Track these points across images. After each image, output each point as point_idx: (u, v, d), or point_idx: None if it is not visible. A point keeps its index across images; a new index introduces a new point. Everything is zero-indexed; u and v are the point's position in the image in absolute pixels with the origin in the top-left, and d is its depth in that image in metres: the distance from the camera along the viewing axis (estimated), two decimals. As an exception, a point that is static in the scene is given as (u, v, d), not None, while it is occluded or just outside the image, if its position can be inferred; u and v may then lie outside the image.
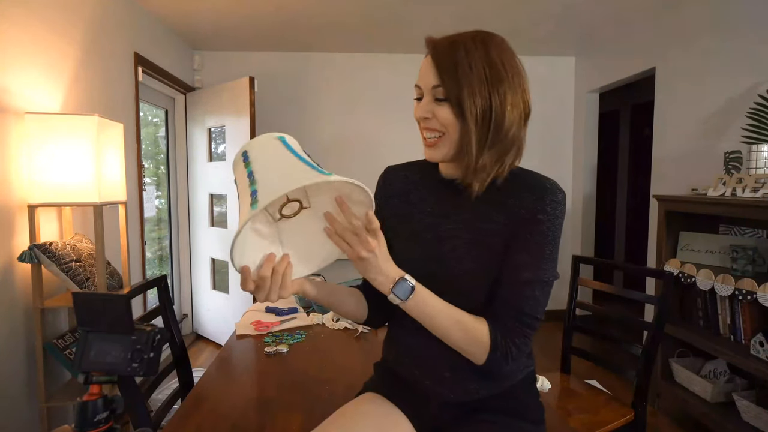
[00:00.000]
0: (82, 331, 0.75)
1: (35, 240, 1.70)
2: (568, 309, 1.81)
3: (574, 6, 2.79)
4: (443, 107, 0.76)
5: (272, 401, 1.14)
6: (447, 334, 0.77)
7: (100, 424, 0.73)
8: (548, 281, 0.77)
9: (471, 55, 0.74)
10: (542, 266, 0.76)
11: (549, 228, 0.76)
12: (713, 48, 2.45)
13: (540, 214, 0.76)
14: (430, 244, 0.83)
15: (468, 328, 0.76)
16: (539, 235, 0.76)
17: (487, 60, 0.75)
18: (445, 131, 0.77)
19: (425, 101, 0.78)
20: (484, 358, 0.76)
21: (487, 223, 0.79)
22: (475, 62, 0.74)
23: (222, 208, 3.44)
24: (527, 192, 0.78)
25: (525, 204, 0.77)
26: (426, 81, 0.78)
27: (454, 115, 0.75)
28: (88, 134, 1.71)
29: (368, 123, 3.82)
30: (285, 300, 1.94)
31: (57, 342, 1.78)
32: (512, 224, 0.78)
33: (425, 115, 0.78)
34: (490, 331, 0.76)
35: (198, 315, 3.62)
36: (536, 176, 0.81)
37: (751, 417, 1.84)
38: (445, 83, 0.74)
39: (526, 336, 0.77)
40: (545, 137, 3.94)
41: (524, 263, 0.76)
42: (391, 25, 3.14)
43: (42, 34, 1.83)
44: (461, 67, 0.74)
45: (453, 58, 0.74)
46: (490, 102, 0.74)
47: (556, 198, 0.77)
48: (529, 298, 0.76)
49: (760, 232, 2.07)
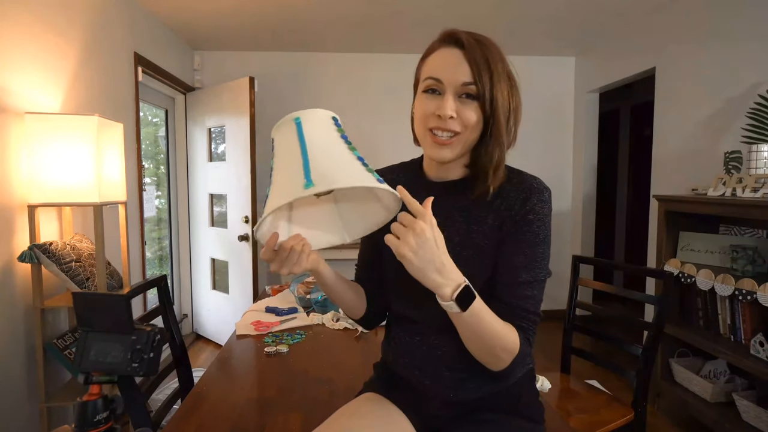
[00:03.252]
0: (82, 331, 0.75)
1: (35, 240, 1.70)
2: (568, 309, 1.81)
3: (574, 6, 2.79)
4: (471, 105, 0.75)
5: (272, 401, 1.14)
6: (483, 347, 0.73)
7: (100, 424, 0.73)
8: (544, 279, 0.79)
9: (495, 53, 0.76)
10: (536, 265, 0.77)
11: (539, 227, 0.77)
12: (713, 48, 2.45)
13: (530, 215, 0.77)
14: None
15: (506, 337, 0.72)
16: (531, 235, 0.77)
17: (502, 59, 0.77)
18: (462, 131, 0.76)
19: (450, 99, 0.75)
20: (509, 361, 0.74)
21: (476, 224, 0.80)
22: (500, 60, 0.76)
23: (222, 208, 3.44)
24: (514, 192, 0.79)
25: (513, 204, 0.78)
26: (454, 77, 0.74)
27: (478, 115, 0.75)
28: (88, 134, 1.71)
29: (368, 123, 3.82)
30: (285, 300, 1.94)
31: (57, 342, 1.78)
32: (502, 225, 0.78)
33: (452, 113, 0.75)
34: (520, 341, 0.74)
35: (198, 315, 3.62)
36: (522, 175, 0.81)
37: (751, 417, 1.84)
38: (482, 80, 0.73)
39: (533, 333, 0.78)
40: (545, 137, 3.94)
41: (521, 265, 0.77)
42: (390, 25, 3.13)
43: (42, 34, 1.83)
44: (494, 65, 0.74)
45: (484, 55, 0.74)
46: (510, 101, 0.77)
47: (542, 197, 0.78)
48: (530, 298, 0.77)
49: (760, 232, 2.07)
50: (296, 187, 0.62)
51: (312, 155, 0.65)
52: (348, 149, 0.69)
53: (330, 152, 0.66)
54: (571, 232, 4.00)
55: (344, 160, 0.66)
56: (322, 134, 0.68)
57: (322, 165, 0.64)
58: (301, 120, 0.68)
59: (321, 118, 0.70)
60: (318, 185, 0.61)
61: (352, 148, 0.69)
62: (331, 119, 0.71)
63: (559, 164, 3.98)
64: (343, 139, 0.70)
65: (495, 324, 0.71)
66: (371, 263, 0.96)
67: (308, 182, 0.62)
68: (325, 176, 0.62)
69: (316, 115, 0.70)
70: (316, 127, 0.69)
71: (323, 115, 0.70)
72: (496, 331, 0.71)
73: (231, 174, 3.18)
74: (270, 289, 2.17)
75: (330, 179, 0.62)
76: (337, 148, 0.68)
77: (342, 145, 0.69)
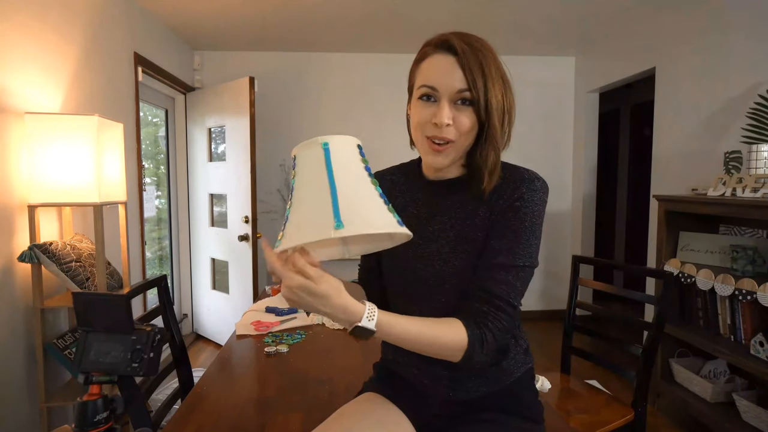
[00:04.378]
0: (82, 331, 0.75)
1: (35, 240, 1.70)
2: (568, 309, 1.81)
3: (574, 6, 2.79)
4: (466, 111, 0.75)
5: (272, 401, 1.14)
6: (422, 351, 0.74)
7: (100, 424, 0.73)
8: (523, 267, 0.76)
9: (488, 56, 0.76)
10: (517, 251, 0.76)
11: (526, 214, 0.76)
12: (713, 48, 2.45)
13: (517, 201, 0.77)
14: (417, 245, 0.84)
15: (443, 338, 0.72)
16: (516, 220, 0.76)
17: (495, 61, 0.77)
18: (456, 139, 0.76)
19: (446, 106, 0.75)
20: (460, 357, 0.73)
21: (471, 218, 0.80)
22: (494, 63, 0.76)
23: (222, 208, 3.44)
24: (506, 184, 0.79)
25: (504, 195, 0.78)
26: (449, 84, 0.75)
27: (473, 120, 0.76)
28: (88, 134, 1.71)
29: (368, 123, 3.82)
30: (285, 300, 1.94)
31: (57, 342, 1.78)
32: (491, 215, 0.79)
33: (448, 121, 0.75)
34: (465, 327, 0.73)
35: (198, 315, 3.62)
36: (516, 169, 0.82)
37: (751, 417, 1.84)
38: (477, 86, 0.74)
39: (500, 321, 0.74)
40: (545, 137, 3.94)
41: (499, 248, 0.76)
42: (390, 25, 3.13)
43: (42, 34, 1.83)
44: (488, 69, 0.75)
45: (478, 60, 0.74)
46: (504, 102, 0.77)
47: (533, 186, 0.78)
48: (500, 282, 0.75)
49: (760, 232, 2.07)
50: (325, 227, 0.62)
51: (341, 191, 0.64)
52: (372, 184, 0.69)
53: (357, 188, 0.66)
54: (571, 232, 4.00)
55: (371, 199, 0.66)
56: (349, 165, 0.68)
57: (351, 204, 0.64)
58: (330, 146, 0.67)
59: (348, 146, 0.69)
60: (347, 228, 0.61)
61: (375, 182, 0.69)
62: (357, 147, 0.71)
63: (559, 164, 3.98)
64: (367, 172, 0.69)
65: (425, 332, 0.71)
66: (371, 269, 0.96)
67: (338, 223, 0.61)
68: (353, 220, 0.62)
69: (344, 143, 0.69)
70: (344, 156, 0.68)
71: (351, 142, 0.70)
72: (430, 339, 0.71)
73: (231, 174, 3.18)
74: (270, 289, 2.17)
75: (359, 224, 0.62)
76: (363, 184, 0.68)
77: (367, 180, 0.68)
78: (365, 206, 0.65)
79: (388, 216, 0.66)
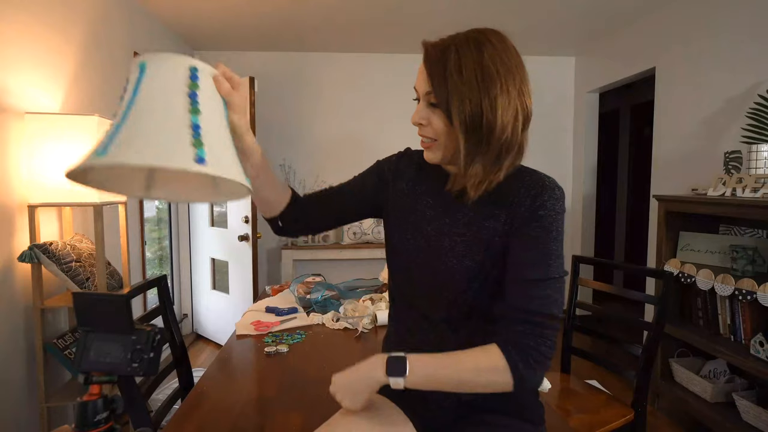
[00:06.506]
0: (82, 331, 0.75)
1: (35, 240, 1.70)
2: (568, 309, 1.81)
3: (574, 6, 2.79)
4: (437, 113, 0.77)
5: (272, 401, 1.14)
6: (466, 389, 0.73)
7: (100, 424, 0.73)
8: (557, 278, 0.75)
9: (463, 59, 0.73)
10: (549, 263, 0.75)
11: (551, 223, 0.76)
12: (713, 48, 2.45)
13: (540, 210, 0.76)
14: (431, 237, 0.84)
15: (481, 369, 0.72)
16: (542, 230, 0.76)
17: (479, 63, 0.73)
18: (438, 138, 0.78)
19: (421, 106, 0.79)
20: (511, 382, 0.72)
21: (488, 221, 0.80)
22: (465, 66, 0.72)
23: (222, 208, 3.44)
24: (525, 190, 0.78)
25: (524, 202, 0.77)
26: (419, 86, 0.78)
27: (445, 122, 0.76)
28: (88, 134, 1.71)
29: (368, 123, 3.82)
30: (285, 300, 1.94)
31: (57, 342, 1.78)
32: (512, 223, 0.78)
33: (420, 121, 0.79)
34: (502, 352, 0.72)
35: (198, 315, 3.62)
36: (535, 174, 0.81)
37: (751, 417, 1.84)
38: (436, 90, 0.74)
39: (543, 336, 0.73)
40: (545, 137, 3.94)
41: (530, 262, 0.75)
42: (390, 25, 3.13)
43: (42, 34, 1.83)
44: (451, 73, 0.73)
45: (443, 64, 0.74)
46: (481, 107, 0.72)
47: (554, 195, 0.77)
48: (536, 297, 0.74)
49: (760, 232, 2.07)
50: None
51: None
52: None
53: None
54: (571, 232, 4.00)
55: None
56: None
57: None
58: (146, 64, 0.59)
59: (172, 77, 0.60)
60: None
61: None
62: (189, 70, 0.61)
63: (559, 164, 3.98)
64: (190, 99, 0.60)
65: (462, 367, 0.72)
66: (344, 194, 0.94)
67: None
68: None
69: (165, 73, 0.59)
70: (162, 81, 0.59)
71: (180, 71, 0.60)
72: (468, 370, 0.72)
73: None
74: (270, 289, 2.17)
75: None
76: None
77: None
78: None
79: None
